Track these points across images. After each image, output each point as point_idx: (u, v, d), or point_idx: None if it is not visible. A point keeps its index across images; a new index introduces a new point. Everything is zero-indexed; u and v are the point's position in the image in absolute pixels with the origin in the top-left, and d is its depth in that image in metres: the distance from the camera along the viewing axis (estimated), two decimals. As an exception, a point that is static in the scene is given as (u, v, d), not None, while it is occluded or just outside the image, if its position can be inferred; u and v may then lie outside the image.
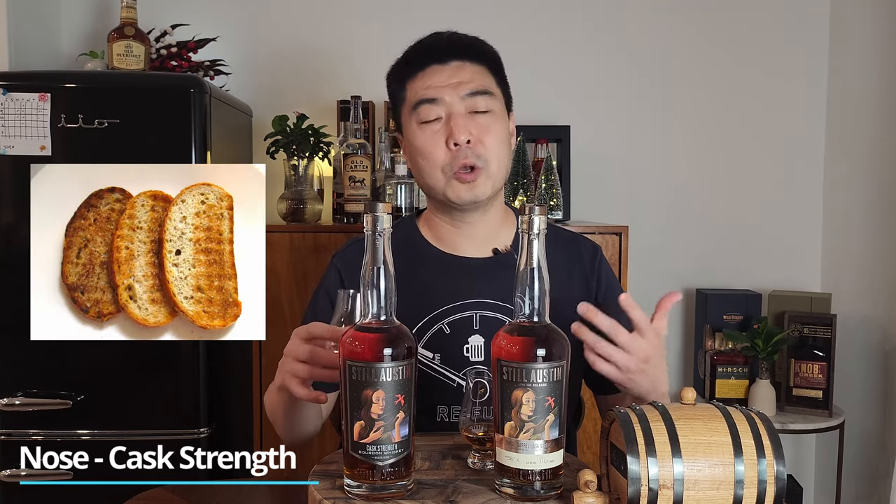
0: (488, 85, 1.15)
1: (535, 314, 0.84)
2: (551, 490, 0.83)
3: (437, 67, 1.14)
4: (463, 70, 1.14)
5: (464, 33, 1.18)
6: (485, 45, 1.19)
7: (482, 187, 1.14)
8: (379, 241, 0.83)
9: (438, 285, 1.17)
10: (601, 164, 2.41)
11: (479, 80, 1.15)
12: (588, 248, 1.25)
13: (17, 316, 1.83)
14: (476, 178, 1.13)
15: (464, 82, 1.13)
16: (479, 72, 1.15)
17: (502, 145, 1.15)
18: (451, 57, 1.14)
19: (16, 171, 1.81)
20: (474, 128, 1.12)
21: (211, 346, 1.88)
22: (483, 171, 1.13)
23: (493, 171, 1.14)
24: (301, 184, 2.04)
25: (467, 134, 1.11)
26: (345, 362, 0.81)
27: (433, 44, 1.16)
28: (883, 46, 2.21)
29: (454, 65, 1.14)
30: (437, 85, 1.13)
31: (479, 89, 1.14)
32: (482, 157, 1.13)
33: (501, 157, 1.15)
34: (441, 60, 1.14)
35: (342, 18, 2.39)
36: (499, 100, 1.17)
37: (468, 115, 1.13)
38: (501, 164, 1.16)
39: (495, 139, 1.14)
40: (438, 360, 1.16)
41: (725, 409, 0.81)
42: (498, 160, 1.14)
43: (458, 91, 1.13)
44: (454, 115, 1.12)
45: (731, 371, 2.21)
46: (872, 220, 2.25)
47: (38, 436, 1.81)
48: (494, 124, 1.14)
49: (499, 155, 1.14)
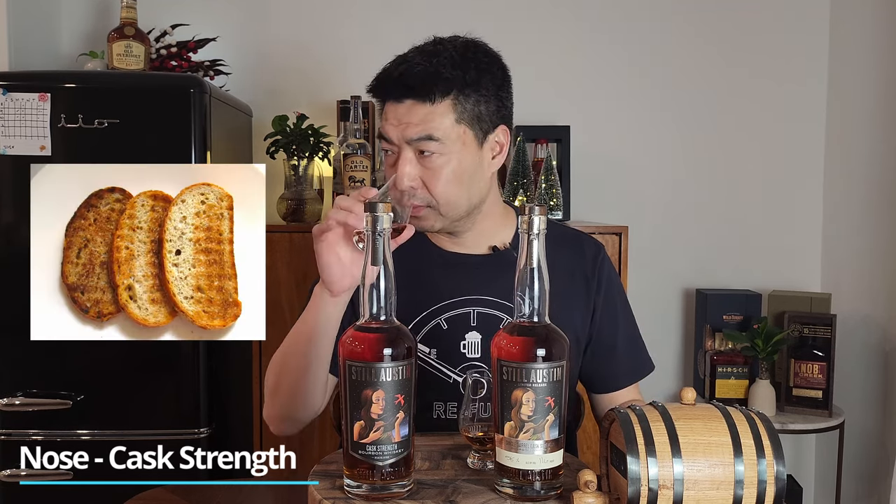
0: (439, 128, 1.08)
1: (535, 314, 0.84)
2: (551, 490, 0.83)
3: (392, 105, 1.11)
4: (413, 112, 1.08)
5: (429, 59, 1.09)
6: (448, 75, 1.08)
7: (430, 222, 1.13)
8: (379, 240, 0.83)
9: (437, 281, 1.18)
10: (601, 164, 2.41)
11: (427, 122, 1.08)
12: (591, 248, 1.25)
13: (17, 316, 1.83)
14: (422, 214, 1.12)
15: (411, 125, 1.08)
16: (430, 113, 1.08)
17: (453, 186, 1.10)
18: (402, 95, 1.09)
19: (16, 171, 1.81)
20: (422, 171, 1.10)
21: (211, 346, 1.88)
22: (431, 210, 1.11)
23: (442, 211, 1.12)
24: (301, 184, 2.04)
25: (410, 180, 1.09)
26: (345, 362, 0.81)
27: (386, 79, 1.11)
28: (883, 47, 2.21)
29: (406, 104, 1.09)
30: (390, 124, 1.10)
31: (424, 135, 1.08)
32: (425, 200, 1.11)
33: (452, 196, 1.11)
34: (395, 98, 1.10)
35: (342, 19, 2.39)
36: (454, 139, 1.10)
37: (417, 156, 1.09)
38: (454, 202, 1.12)
39: (443, 182, 1.10)
40: (435, 356, 1.16)
41: (725, 409, 0.81)
42: (447, 201, 1.11)
43: (403, 134, 1.09)
44: (401, 159, 1.10)
45: (731, 371, 2.22)
46: (872, 220, 2.25)
47: (38, 436, 1.81)
48: (445, 166, 1.09)
49: (447, 195, 1.10)
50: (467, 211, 1.15)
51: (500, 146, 1.16)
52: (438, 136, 1.08)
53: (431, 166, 1.09)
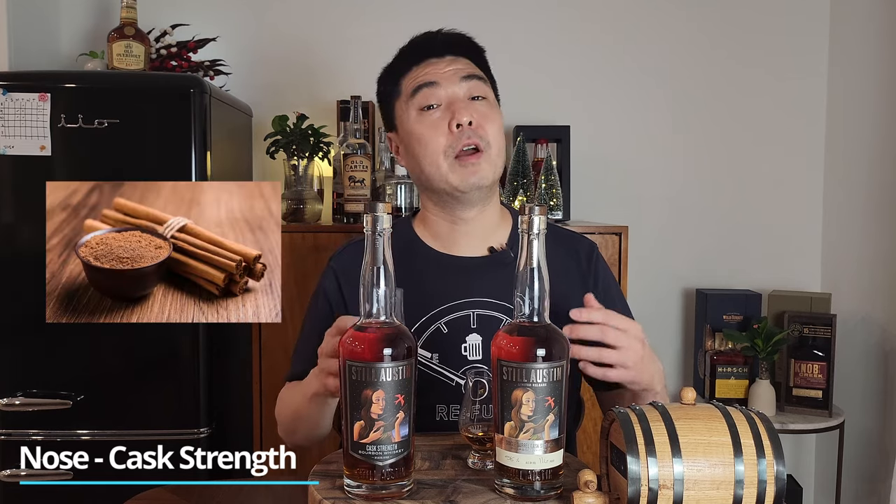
0: (483, 76, 1.20)
1: (535, 314, 0.84)
2: (551, 490, 0.83)
3: (433, 61, 1.18)
4: (457, 62, 1.18)
5: (454, 31, 1.22)
6: (474, 42, 1.23)
7: (484, 171, 1.15)
8: (379, 241, 0.83)
9: (435, 285, 1.17)
10: (601, 164, 2.41)
11: (472, 69, 1.19)
12: (585, 247, 1.25)
13: (17, 316, 1.85)
14: (479, 161, 1.14)
15: (461, 68, 1.17)
16: (470, 64, 1.20)
17: (500, 133, 1.18)
18: (445, 52, 1.19)
19: (16, 171, 1.81)
20: (475, 112, 1.15)
21: (211, 346, 1.88)
22: (485, 153, 1.14)
23: (493, 157, 1.16)
24: (301, 184, 2.04)
25: (470, 115, 1.14)
26: (345, 362, 0.81)
27: (428, 41, 1.20)
28: (883, 47, 2.21)
29: (448, 58, 1.18)
30: (434, 72, 1.17)
31: (476, 73, 1.18)
32: (484, 139, 1.14)
33: (501, 144, 1.18)
34: (437, 54, 1.18)
35: (342, 18, 2.39)
36: (491, 90, 1.21)
37: (468, 100, 1.16)
38: (501, 152, 1.18)
39: (495, 126, 1.16)
40: (437, 360, 1.16)
41: (725, 409, 0.81)
42: (498, 146, 1.17)
43: (456, 75, 1.16)
44: (456, 100, 1.15)
45: (731, 371, 2.21)
46: (872, 220, 2.25)
47: (38, 436, 1.81)
48: (492, 112, 1.17)
49: (499, 141, 1.17)
50: (497, 176, 1.19)
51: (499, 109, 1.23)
52: (485, 78, 1.20)
53: (483, 107, 1.16)
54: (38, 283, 1.82)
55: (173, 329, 1.86)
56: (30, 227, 1.86)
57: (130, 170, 1.84)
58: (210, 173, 1.86)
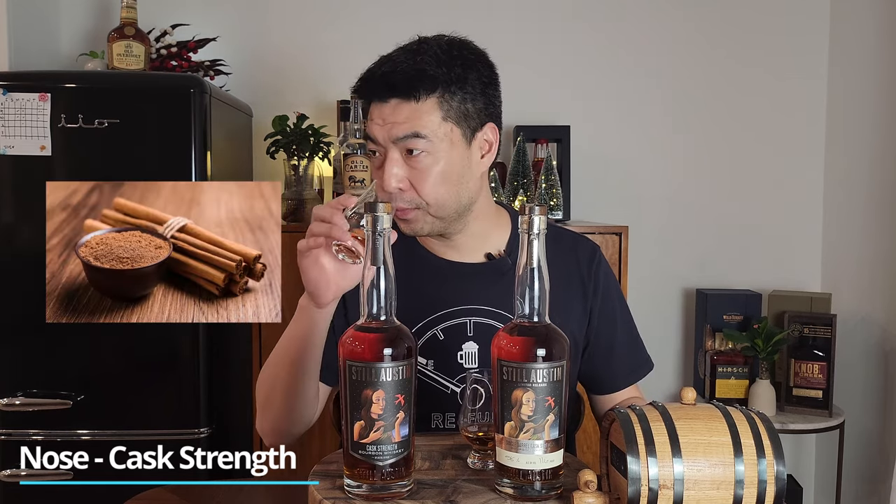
0: (425, 126, 1.07)
1: (535, 314, 0.84)
2: (551, 490, 0.83)
3: (377, 105, 1.10)
4: (398, 110, 1.07)
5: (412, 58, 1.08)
6: (433, 73, 1.07)
7: (419, 224, 1.11)
8: (379, 241, 0.83)
9: (432, 291, 1.15)
10: (601, 164, 2.41)
11: (413, 121, 1.06)
12: (586, 250, 1.23)
13: (17, 316, 1.85)
14: (411, 217, 1.10)
15: (397, 124, 1.07)
16: (415, 111, 1.07)
17: (441, 186, 1.09)
18: (387, 94, 1.08)
19: (16, 171, 1.81)
20: (409, 171, 1.08)
21: (211, 347, 1.88)
22: (419, 211, 1.10)
23: (432, 212, 1.10)
24: (301, 184, 2.04)
25: (397, 182, 1.07)
26: (345, 362, 0.81)
27: (370, 79, 1.11)
28: (883, 46, 2.21)
29: (392, 103, 1.08)
30: (375, 124, 1.09)
31: (410, 132, 1.06)
32: (413, 202, 1.09)
33: (440, 196, 1.09)
34: (380, 98, 1.09)
35: (342, 18, 2.39)
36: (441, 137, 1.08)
37: (405, 156, 1.08)
38: (443, 203, 1.10)
39: (431, 182, 1.08)
40: (432, 367, 1.15)
41: (725, 408, 0.81)
42: (436, 201, 1.09)
43: (389, 133, 1.07)
44: (387, 160, 1.08)
45: (731, 371, 2.21)
46: (872, 220, 2.25)
47: (38, 436, 1.81)
48: (432, 167, 1.08)
49: (436, 196, 1.09)
50: (457, 212, 1.12)
51: (488, 145, 1.14)
52: (425, 133, 1.06)
53: (419, 166, 1.07)
54: (38, 283, 1.82)
55: (173, 329, 1.86)
56: (30, 227, 1.86)
57: (130, 170, 1.84)
58: (210, 173, 1.86)
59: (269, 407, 1.11)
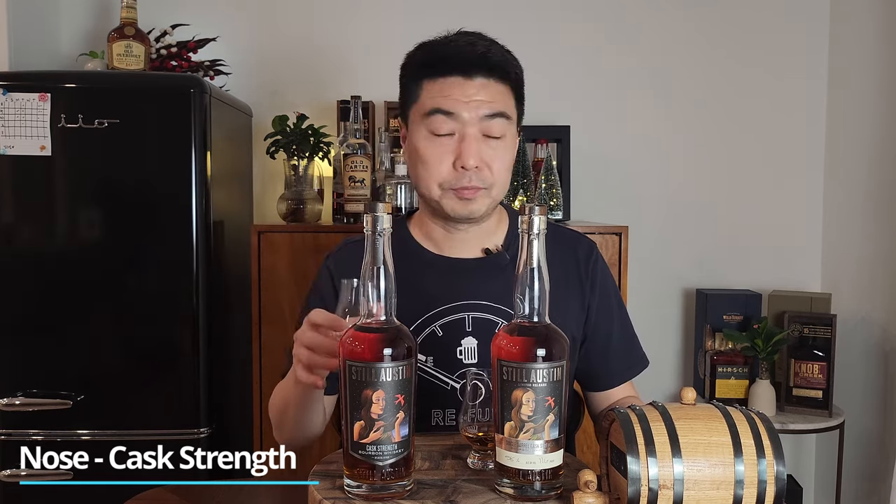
0: (508, 108, 1.11)
1: (535, 314, 0.84)
2: (551, 490, 0.83)
3: (460, 80, 1.08)
4: (487, 89, 1.08)
5: (496, 45, 1.12)
6: (514, 64, 1.13)
7: (479, 204, 1.12)
8: (379, 241, 0.83)
9: (430, 287, 1.16)
10: (601, 164, 2.41)
11: (500, 102, 1.10)
12: (584, 248, 1.24)
13: (17, 316, 1.85)
14: (476, 196, 1.11)
15: (486, 102, 1.08)
16: (502, 92, 1.10)
17: (508, 170, 1.13)
18: (478, 72, 1.08)
19: (16, 171, 1.81)
20: (485, 153, 1.09)
21: (211, 347, 1.88)
22: (485, 191, 1.12)
23: (494, 194, 1.13)
24: (301, 184, 2.04)
25: (478, 159, 1.08)
26: (345, 362, 0.81)
27: (462, 53, 1.08)
28: (883, 47, 2.21)
29: (479, 81, 1.08)
30: (457, 99, 1.07)
31: (499, 111, 1.09)
32: (486, 182, 1.11)
33: (505, 180, 1.13)
34: (467, 73, 1.08)
35: (342, 19, 2.39)
36: (515, 121, 1.13)
37: (481, 137, 1.09)
38: (503, 187, 1.14)
39: (503, 165, 1.11)
40: (431, 363, 1.15)
41: (725, 409, 0.81)
42: (501, 184, 1.13)
43: (477, 111, 1.08)
44: (467, 137, 1.08)
45: (731, 371, 2.21)
46: (872, 220, 2.25)
47: (38, 436, 1.81)
48: (506, 151, 1.12)
49: (503, 179, 1.13)
50: (495, 204, 1.16)
51: (515, 140, 1.18)
52: (509, 114, 1.11)
53: (497, 147, 1.11)
54: (38, 282, 1.83)
55: (173, 329, 1.86)
56: (30, 227, 1.86)
57: (130, 170, 1.84)
58: (210, 173, 1.86)
59: (282, 429, 1.15)
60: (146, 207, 1.85)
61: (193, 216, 1.83)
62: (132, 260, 1.85)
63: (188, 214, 1.82)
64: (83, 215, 1.87)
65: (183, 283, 1.83)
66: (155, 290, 1.85)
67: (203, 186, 1.84)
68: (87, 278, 1.84)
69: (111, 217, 1.85)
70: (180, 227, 1.83)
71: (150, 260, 1.85)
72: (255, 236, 1.95)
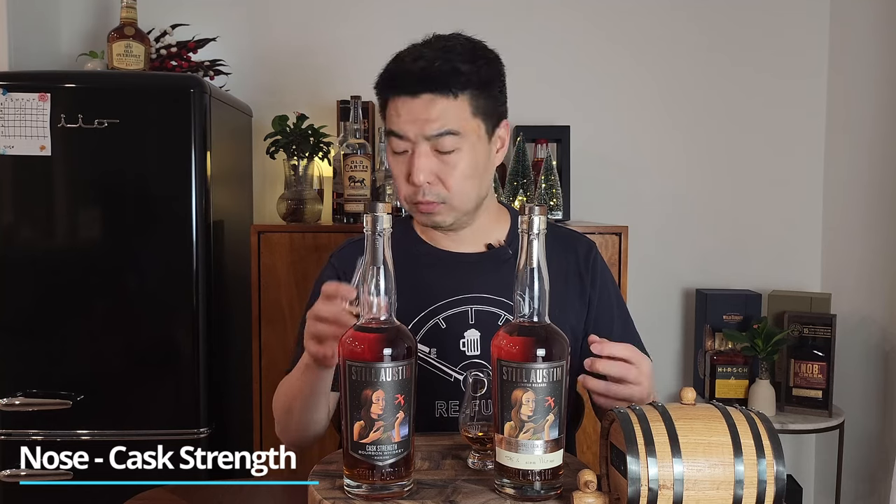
0: (458, 121, 1.10)
1: (535, 314, 0.84)
2: (551, 490, 0.83)
3: (407, 99, 1.09)
4: (432, 106, 1.08)
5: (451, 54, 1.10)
6: (466, 70, 1.10)
7: (442, 217, 1.15)
8: (379, 241, 0.83)
9: (433, 281, 1.18)
10: (601, 164, 2.41)
11: (447, 117, 1.09)
12: (583, 246, 1.26)
13: (17, 316, 1.85)
14: (434, 210, 1.13)
15: (430, 121, 1.08)
16: (450, 107, 1.09)
17: (468, 179, 1.12)
18: (421, 90, 1.08)
19: (16, 171, 1.81)
20: (437, 167, 1.10)
21: (211, 346, 1.88)
22: (444, 205, 1.13)
23: (455, 205, 1.14)
24: (301, 184, 2.04)
25: (427, 175, 1.10)
26: (345, 362, 0.81)
27: (407, 71, 1.09)
28: (883, 45, 2.21)
29: (424, 98, 1.08)
30: (405, 119, 1.09)
31: (445, 130, 1.09)
32: (440, 196, 1.12)
33: (466, 190, 1.13)
34: (412, 92, 1.09)
35: (342, 18, 2.39)
36: (471, 132, 1.11)
37: (433, 153, 1.10)
38: (467, 196, 1.14)
39: (459, 176, 1.11)
40: (435, 355, 1.17)
41: (725, 409, 0.81)
42: (461, 194, 1.13)
43: (423, 130, 1.09)
44: (416, 154, 1.10)
45: (731, 371, 2.21)
46: (872, 220, 2.25)
47: (38, 436, 1.81)
48: (461, 161, 1.11)
49: (462, 190, 1.12)
50: (476, 205, 1.17)
51: (501, 141, 1.19)
52: (458, 129, 1.10)
53: (449, 161, 1.11)
54: (37, 283, 1.83)
55: (173, 329, 1.86)
56: (30, 227, 1.86)
57: (130, 170, 1.84)
58: (210, 173, 1.86)
59: (286, 429, 1.15)
60: (146, 207, 1.85)
61: (193, 216, 1.83)
62: (132, 260, 1.85)
63: (188, 214, 1.82)
64: (83, 215, 1.87)
65: (183, 282, 1.83)
66: (155, 289, 1.85)
67: (203, 186, 1.83)
68: (87, 278, 1.84)
69: (111, 217, 1.85)
70: (180, 226, 1.83)
71: (150, 260, 1.85)
72: (254, 236, 1.95)
